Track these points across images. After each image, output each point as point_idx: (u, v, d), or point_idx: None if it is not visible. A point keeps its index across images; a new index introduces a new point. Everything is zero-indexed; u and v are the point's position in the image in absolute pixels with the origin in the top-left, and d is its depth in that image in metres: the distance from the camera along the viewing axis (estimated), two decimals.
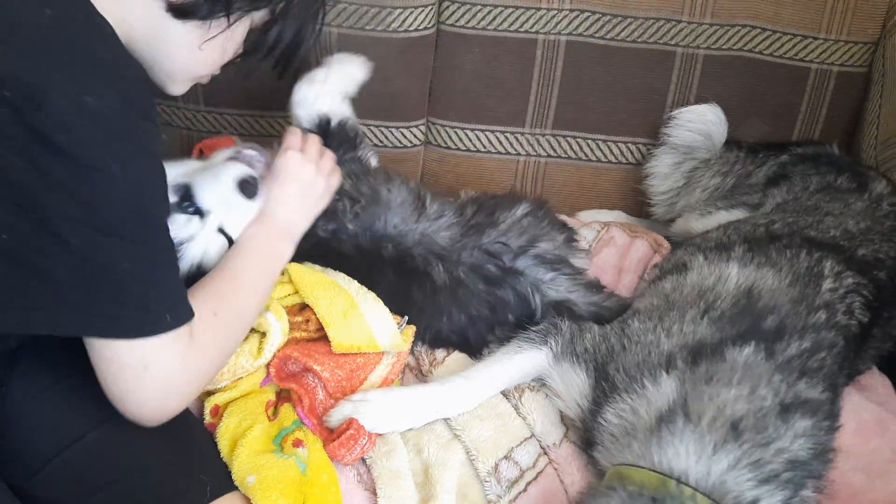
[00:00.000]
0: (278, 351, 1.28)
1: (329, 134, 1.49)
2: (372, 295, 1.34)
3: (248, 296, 1.19)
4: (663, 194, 1.84)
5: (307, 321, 1.32)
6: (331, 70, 1.54)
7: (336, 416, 1.24)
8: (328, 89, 1.52)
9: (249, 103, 1.82)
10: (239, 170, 1.26)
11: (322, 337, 1.31)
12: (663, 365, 1.19)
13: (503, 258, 1.41)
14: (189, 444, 1.17)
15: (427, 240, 1.40)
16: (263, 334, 1.27)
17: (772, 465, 1.08)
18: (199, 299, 1.09)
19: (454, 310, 1.39)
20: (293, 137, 1.33)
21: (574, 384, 1.29)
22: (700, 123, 1.80)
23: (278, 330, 1.27)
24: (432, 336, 1.41)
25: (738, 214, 1.67)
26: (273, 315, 1.27)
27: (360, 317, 1.30)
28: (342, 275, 1.37)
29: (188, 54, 1.15)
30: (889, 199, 1.57)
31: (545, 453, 1.26)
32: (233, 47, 1.20)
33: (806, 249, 1.38)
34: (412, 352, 1.39)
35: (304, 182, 1.30)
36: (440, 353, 1.40)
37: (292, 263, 1.33)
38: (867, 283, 1.36)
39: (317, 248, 1.37)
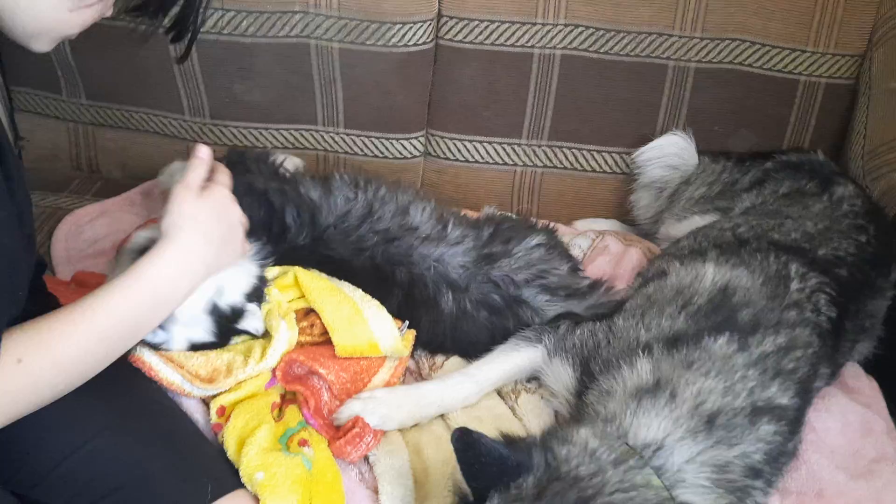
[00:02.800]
0: (284, 355, 1.32)
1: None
2: (375, 302, 1.39)
3: (91, 343, 1.03)
4: (650, 218, 1.89)
5: (312, 326, 1.37)
6: None
7: (345, 414, 1.29)
8: None
9: (252, 116, 1.86)
10: None
11: (326, 341, 1.35)
12: (641, 352, 1.25)
13: (510, 289, 1.45)
14: (189, 447, 1.20)
15: (441, 267, 1.43)
16: (270, 338, 1.31)
17: (732, 469, 1.13)
18: (13, 338, 0.97)
19: (456, 335, 1.43)
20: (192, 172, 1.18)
21: (562, 379, 1.34)
22: (664, 158, 1.84)
23: (285, 339, 1.31)
24: (432, 350, 1.46)
25: (710, 218, 1.71)
26: (286, 323, 1.32)
27: (364, 323, 1.35)
28: (346, 283, 1.41)
29: (56, 16, 1.05)
30: (850, 201, 1.61)
31: None
32: (107, 9, 1.09)
33: (773, 253, 1.43)
34: (412, 356, 1.44)
35: (200, 225, 1.14)
36: (439, 358, 1.45)
37: (299, 269, 1.38)
38: (829, 282, 1.40)
39: (329, 262, 1.42)
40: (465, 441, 1.03)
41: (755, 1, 1.75)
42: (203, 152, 1.21)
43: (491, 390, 1.38)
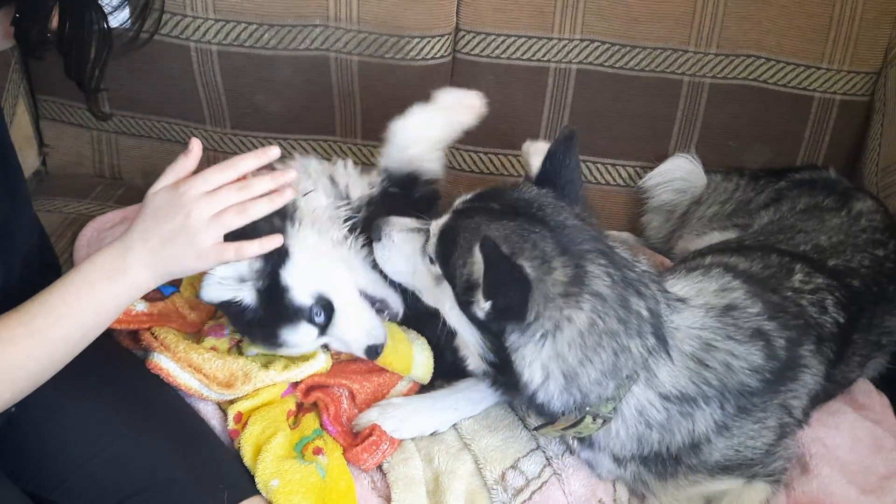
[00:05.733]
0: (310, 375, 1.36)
1: (413, 194, 1.44)
2: (423, 339, 1.42)
3: (32, 347, 1.03)
4: (663, 237, 1.91)
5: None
6: (435, 111, 1.43)
7: (364, 420, 1.32)
8: (425, 135, 1.42)
9: (272, 126, 1.89)
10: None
11: (353, 360, 1.39)
12: None
13: None
14: (208, 453, 1.23)
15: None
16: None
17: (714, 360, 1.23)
18: None
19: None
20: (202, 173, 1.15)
21: None
22: (670, 183, 1.86)
23: (320, 364, 1.35)
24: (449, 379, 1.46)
25: (729, 235, 1.71)
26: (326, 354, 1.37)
27: (409, 350, 1.39)
28: None
29: None
30: (868, 216, 1.60)
31: (549, 464, 1.31)
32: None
33: (776, 254, 1.44)
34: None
35: (141, 223, 1.11)
36: None
37: None
38: (838, 286, 1.40)
39: None
40: (568, 141, 1.24)
41: (770, 17, 1.77)
42: (193, 145, 1.17)
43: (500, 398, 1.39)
